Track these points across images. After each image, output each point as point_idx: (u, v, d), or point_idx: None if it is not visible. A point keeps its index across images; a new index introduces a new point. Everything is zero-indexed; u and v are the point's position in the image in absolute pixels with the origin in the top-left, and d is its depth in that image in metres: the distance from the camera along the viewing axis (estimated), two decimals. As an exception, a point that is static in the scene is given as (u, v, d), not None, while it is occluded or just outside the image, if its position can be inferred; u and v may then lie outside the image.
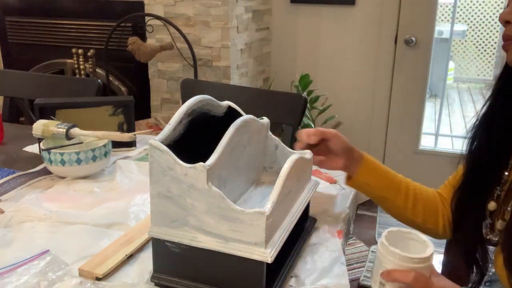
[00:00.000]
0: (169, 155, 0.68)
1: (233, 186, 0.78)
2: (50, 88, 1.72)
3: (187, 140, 0.77)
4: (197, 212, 0.70)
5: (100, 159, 1.14)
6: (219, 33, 2.49)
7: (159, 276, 0.75)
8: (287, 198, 0.77)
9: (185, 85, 1.70)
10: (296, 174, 0.80)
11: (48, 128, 1.14)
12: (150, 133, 2.06)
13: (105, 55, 2.60)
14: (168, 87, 2.70)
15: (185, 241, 0.71)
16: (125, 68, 2.79)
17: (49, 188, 1.09)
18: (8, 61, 3.10)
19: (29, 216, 0.95)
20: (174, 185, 0.69)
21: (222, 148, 0.72)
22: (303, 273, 0.79)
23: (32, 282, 0.75)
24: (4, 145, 1.37)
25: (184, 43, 2.44)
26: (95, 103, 1.33)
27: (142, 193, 1.05)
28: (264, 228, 0.66)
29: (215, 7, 2.46)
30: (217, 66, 2.54)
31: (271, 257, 0.67)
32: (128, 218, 0.95)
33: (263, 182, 0.90)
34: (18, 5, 2.95)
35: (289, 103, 1.47)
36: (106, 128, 1.23)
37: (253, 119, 0.82)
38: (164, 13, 2.55)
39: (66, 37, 2.88)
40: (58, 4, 2.85)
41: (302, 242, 0.87)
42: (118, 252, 0.82)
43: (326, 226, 0.94)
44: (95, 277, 0.76)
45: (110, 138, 1.13)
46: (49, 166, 1.13)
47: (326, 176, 1.18)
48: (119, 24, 2.51)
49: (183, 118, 0.75)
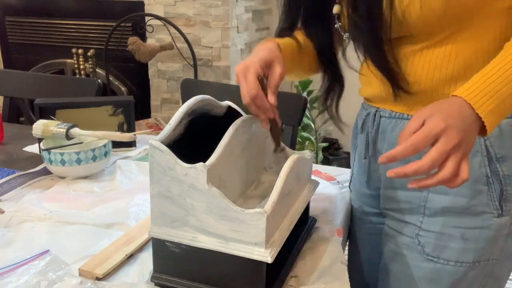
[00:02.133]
0: (169, 155, 0.68)
1: (233, 186, 0.78)
2: (50, 88, 1.72)
3: (187, 140, 0.77)
4: (197, 212, 0.70)
5: (100, 159, 1.14)
6: (219, 33, 2.49)
7: (159, 276, 0.75)
8: (287, 198, 0.77)
9: (185, 85, 1.70)
10: (296, 174, 0.80)
11: (48, 128, 1.14)
12: (150, 133, 2.06)
13: (105, 55, 2.60)
14: (168, 87, 2.70)
15: (185, 241, 0.71)
16: (125, 68, 2.79)
17: (49, 188, 1.09)
18: (8, 61, 3.11)
19: (29, 216, 0.95)
20: (174, 185, 0.69)
21: (222, 148, 0.72)
22: (303, 273, 0.79)
23: (32, 282, 0.75)
24: (4, 145, 1.37)
25: (184, 43, 2.45)
26: (95, 103, 1.33)
27: (142, 193, 1.05)
28: (264, 228, 0.66)
29: (215, 7, 2.46)
30: (217, 66, 2.54)
31: (271, 257, 0.67)
32: (128, 218, 0.95)
33: (263, 182, 0.90)
34: (18, 5, 2.95)
35: (289, 103, 1.47)
36: (106, 128, 1.23)
37: (253, 119, 0.82)
38: (164, 13, 2.55)
39: (66, 37, 2.88)
40: (58, 4, 2.85)
41: (302, 242, 0.87)
42: (118, 252, 0.82)
43: (326, 226, 0.94)
44: (95, 277, 0.76)
45: (110, 138, 1.13)
46: (49, 166, 1.13)
47: (326, 176, 1.18)
48: (119, 24, 2.51)
49: (183, 118, 0.75)
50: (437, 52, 0.78)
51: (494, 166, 0.79)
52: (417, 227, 0.86)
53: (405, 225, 0.89)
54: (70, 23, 2.85)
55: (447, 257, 0.84)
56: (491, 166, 0.79)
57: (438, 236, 0.84)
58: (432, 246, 0.85)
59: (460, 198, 0.81)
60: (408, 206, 0.87)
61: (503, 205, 0.80)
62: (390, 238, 0.93)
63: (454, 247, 0.83)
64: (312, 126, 2.64)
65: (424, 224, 0.85)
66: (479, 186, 0.80)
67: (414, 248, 0.87)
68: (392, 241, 0.92)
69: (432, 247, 0.85)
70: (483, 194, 0.80)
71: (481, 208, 0.81)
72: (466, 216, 0.82)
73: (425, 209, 0.85)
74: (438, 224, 0.84)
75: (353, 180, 1.04)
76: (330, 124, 2.72)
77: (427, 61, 0.79)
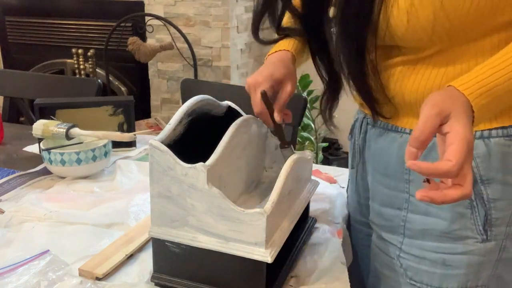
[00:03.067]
0: (169, 155, 0.68)
1: (233, 186, 0.78)
2: (50, 88, 1.72)
3: (187, 140, 0.77)
4: (197, 212, 0.70)
5: (100, 159, 1.14)
6: (219, 33, 2.49)
7: (159, 276, 0.75)
8: (287, 198, 0.76)
9: (185, 85, 1.70)
10: (296, 174, 0.80)
11: (48, 128, 1.14)
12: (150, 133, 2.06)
13: (105, 55, 2.60)
14: (168, 87, 2.70)
15: (185, 241, 0.71)
16: (125, 68, 2.79)
17: (49, 188, 1.09)
18: (8, 61, 3.11)
19: (29, 216, 0.95)
20: (174, 185, 0.69)
21: (222, 148, 0.72)
22: (303, 273, 0.79)
23: (32, 282, 0.75)
24: (4, 145, 1.37)
25: (184, 43, 2.45)
26: (95, 103, 1.34)
27: (142, 193, 1.05)
28: (264, 228, 0.66)
29: (215, 7, 2.46)
30: (217, 66, 2.54)
31: (271, 257, 0.67)
32: (128, 218, 0.95)
33: (263, 182, 0.90)
34: (18, 5, 2.95)
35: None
36: (106, 128, 1.23)
37: (253, 119, 0.82)
38: (164, 13, 2.55)
39: (66, 37, 2.88)
40: (58, 4, 2.85)
41: (302, 242, 0.87)
42: (118, 252, 0.82)
43: (326, 226, 0.94)
44: (95, 277, 0.76)
45: (110, 138, 1.13)
46: (49, 166, 1.13)
47: (326, 176, 1.18)
48: (119, 24, 2.51)
49: (183, 118, 0.75)
50: (426, 66, 0.73)
51: (479, 188, 0.73)
52: (398, 248, 0.82)
53: (388, 244, 0.84)
54: (70, 23, 2.85)
55: (429, 282, 0.79)
56: (475, 189, 0.73)
57: (419, 260, 0.79)
58: (413, 270, 0.80)
59: (440, 221, 0.76)
60: (390, 224, 0.84)
61: (487, 229, 0.75)
62: (375, 255, 0.89)
63: (436, 272, 0.78)
64: (312, 126, 2.64)
65: (404, 245, 0.81)
66: (461, 209, 0.74)
67: (397, 270, 0.83)
68: (377, 260, 0.89)
69: (413, 271, 0.80)
70: (465, 217, 0.75)
71: (463, 233, 0.75)
72: (448, 241, 0.76)
73: (404, 229, 0.81)
74: (419, 247, 0.79)
75: (349, 186, 1.03)
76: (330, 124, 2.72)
77: (414, 73, 0.74)
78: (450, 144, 0.56)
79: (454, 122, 0.57)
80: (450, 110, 0.58)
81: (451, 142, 0.56)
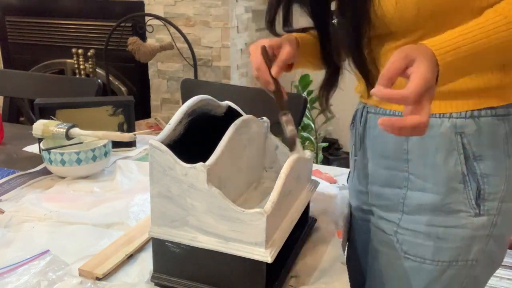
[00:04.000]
0: (169, 155, 0.68)
1: (233, 186, 0.78)
2: (50, 88, 1.73)
3: (187, 140, 0.77)
4: (197, 212, 0.70)
5: (100, 159, 1.14)
6: (219, 33, 2.49)
7: (159, 276, 0.75)
8: (287, 198, 0.77)
9: (185, 85, 1.70)
10: (296, 174, 0.80)
11: (48, 128, 1.14)
12: (150, 133, 2.06)
13: (105, 55, 2.60)
14: (168, 87, 2.70)
15: (185, 241, 0.71)
16: (125, 68, 2.79)
17: (49, 188, 1.09)
18: (8, 61, 3.11)
19: (29, 216, 0.95)
20: (174, 185, 0.69)
21: (222, 148, 0.72)
22: (303, 273, 0.79)
23: (32, 282, 0.75)
24: (4, 145, 1.37)
25: (184, 43, 2.45)
26: (95, 103, 1.34)
27: (142, 193, 1.05)
28: (264, 228, 0.66)
29: (215, 7, 2.46)
30: (217, 66, 2.54)
31: (271, 257, 0.67)
32: (128, 218, 0.95)
33: (263, 182, 0.90)
34: (18, 5, 2.95)
35: (289, 103, 1.47)
36: (106, 128, 1.23)
37: (253, 119, 0.82)
38: (164, 13, 2.55)
39: (66, 37, 2.88)
40: (58, 4, 2.85)
41: (302, 242, 0.87)
42: (118, 252, 0.82)
43: (326, 226, 0.94)
44: (95, 277, 0.76)
45: (110, 138, 1.13)
46: (49, 166, 1.13)
47: (326, 176, 1.18)
48: (119, 24, 2.51)
49: (183, 118, 0.75)
50: None
51: (471, 164, 0.78)
52: (396, 225, 0.86)
53: (386, 223, 0.89)
54: (70, 23, 2.85)
55: (423, 255, 0.84)
56: (467, 164, 0.78)
57: (414, 234, 0.84)
58: (409, 244, 0.85)
59: (434, 195, 0.80)
60: (389, 203, 0.88)
61: (480, 204, 0.79)
62: (373, 235, 0.93)
63: (429, 245, 0.82)
64: (312, 126, 2.64)
65: (402, 221, 0.85)
66: (455, 184, 0.79)
67: (393, 246, 0.87)
68: (374, 239, 0.93)
69: (409, 245, 0.85)
70: (458, 192, 0.79)
71: (456, 207, 0.80)
72: (441, 214, 0.81)
73: (403, 206, 0.85)
74: (415, 222, 0.83)
75: (350, 176, 1.05)
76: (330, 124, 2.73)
77: None
78: (412, 80, 0.62)
79: (418, 63, 0.63)
80: (416, 55, 0.64)
81: (413, 78, 0.62)
